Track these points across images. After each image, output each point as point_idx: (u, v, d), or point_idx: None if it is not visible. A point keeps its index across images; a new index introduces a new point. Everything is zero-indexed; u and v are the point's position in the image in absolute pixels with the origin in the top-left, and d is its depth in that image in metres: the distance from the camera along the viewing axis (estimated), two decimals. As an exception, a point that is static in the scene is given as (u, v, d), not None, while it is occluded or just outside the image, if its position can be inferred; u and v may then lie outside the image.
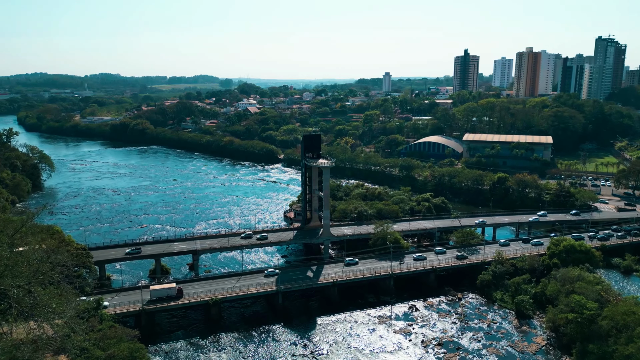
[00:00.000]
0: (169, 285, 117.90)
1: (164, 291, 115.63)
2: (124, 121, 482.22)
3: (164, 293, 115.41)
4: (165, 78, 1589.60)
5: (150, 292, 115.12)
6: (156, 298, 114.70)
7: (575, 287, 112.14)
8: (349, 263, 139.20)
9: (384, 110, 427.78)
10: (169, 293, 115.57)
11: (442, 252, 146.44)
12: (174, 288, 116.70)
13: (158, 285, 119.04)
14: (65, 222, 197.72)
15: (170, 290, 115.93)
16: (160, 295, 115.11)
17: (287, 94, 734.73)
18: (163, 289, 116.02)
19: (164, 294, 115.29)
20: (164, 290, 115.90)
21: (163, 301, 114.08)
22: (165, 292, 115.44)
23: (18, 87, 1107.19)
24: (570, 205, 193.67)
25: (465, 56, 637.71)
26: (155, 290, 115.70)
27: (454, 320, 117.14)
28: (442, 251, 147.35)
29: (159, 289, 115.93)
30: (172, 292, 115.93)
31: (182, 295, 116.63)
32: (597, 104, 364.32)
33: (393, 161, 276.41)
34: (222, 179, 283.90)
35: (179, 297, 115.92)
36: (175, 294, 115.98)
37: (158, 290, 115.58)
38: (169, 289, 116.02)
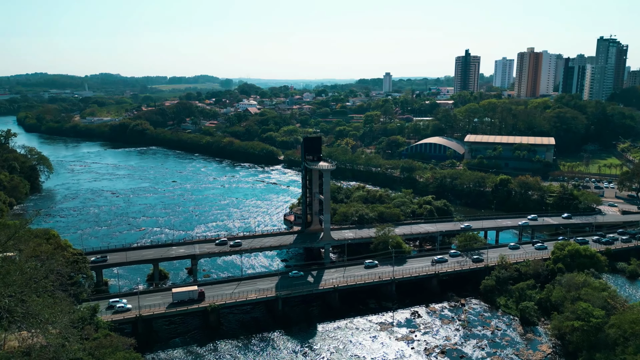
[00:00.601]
0: (191, 288, 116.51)
1: (185, 294, 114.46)
2: (123, 122, 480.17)
3: (185, 296, 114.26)
4: (166, 78, 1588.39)
5: (173, 295, 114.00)
6: (177, 301, 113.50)
7: (581, 294, 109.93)
8: (368, 265, 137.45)
9: (385, 111, 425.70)
10: (190, 296, 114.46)
11: (442, 261, 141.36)
12: (196, 291, 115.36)
13: (180, 288, 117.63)
14: (63, 225, 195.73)
15: (192, 293, 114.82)
16: (182, 298, 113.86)
17: (287, 94, 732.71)
18: (185, 292, 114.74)
19: (185, 297, 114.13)
20: (186, 293, 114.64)
21: (184, 304, 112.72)
22: (187, 295, 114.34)
23: (18, 87, 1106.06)
24: (574, 208, 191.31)
25: (466, 56, 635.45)
26: (178, 293, 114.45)
27: (457, 327, 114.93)
28: (443, 260, 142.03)
29: (181, 292, 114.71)
30: (194, 294, 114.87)
31: (203, 298, 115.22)
32: (600, 105, 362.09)
33: (394, 163, 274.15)
34: (222, 181, 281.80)
35: (200, 300, 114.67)
36: (197, 297, 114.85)
37: (180, 293, 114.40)
38: (191, 292, 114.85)
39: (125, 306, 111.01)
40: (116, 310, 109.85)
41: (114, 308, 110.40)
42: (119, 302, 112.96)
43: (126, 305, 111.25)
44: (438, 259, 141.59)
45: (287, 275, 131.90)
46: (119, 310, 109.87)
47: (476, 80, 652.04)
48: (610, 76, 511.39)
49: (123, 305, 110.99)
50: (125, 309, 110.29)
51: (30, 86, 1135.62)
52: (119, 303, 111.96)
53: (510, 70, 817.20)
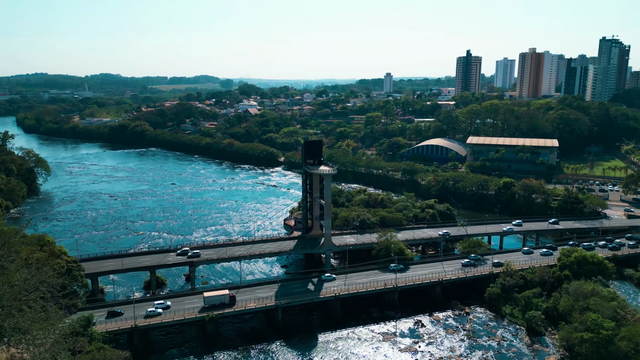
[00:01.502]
0: (222, 292, 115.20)
1: (217, 298, 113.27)
2: (122, 123, 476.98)
3: (217, 300, 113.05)
4: (166, 78, 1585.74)
5: (204, 299, 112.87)
6: (209, 305, 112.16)
7: (589, 304, 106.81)
8: (394, 269, 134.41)
9: (386, 112, 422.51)
10: (222, 300, 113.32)
11: (470, 265, 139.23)
12: (227, 295, 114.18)
13: (211, 292, 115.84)
14: (60, 229, 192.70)
15: (224, 297, 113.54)
16: (214, 303, 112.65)
17: (287, 94, 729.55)
18: (216, 296, 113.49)
19: (217, 301, 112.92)
20: (217, 297, 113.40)
21: (215, 308, 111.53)
22: (219, 299, 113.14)
23: (18, 87, 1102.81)
24: (579, 212, 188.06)
25: (467, 57, 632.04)
26: (209, 297, 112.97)
27: (461, 337, 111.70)
28: (471, 264, 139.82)
29: (213, 296, 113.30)
30: (225, 299, 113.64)
31: (234, 302, 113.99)
32: (603, 106, 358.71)
33: (396, 165, 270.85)
34: (222, 183, 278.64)
35: (232, 304, 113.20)
36: (229, 301, 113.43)
37: (211, 297, 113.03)
38: (222, 296, 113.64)
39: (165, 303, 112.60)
40: (151, 316, 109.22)
41: (152, 313, 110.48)
42: (164, 303, 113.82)
43: (166, 303, 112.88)
44: (465, 262, 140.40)
45: (288, 282, 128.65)
46: (151, 315, 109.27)
47: (477, 81, 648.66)
48: (612, 77, 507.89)
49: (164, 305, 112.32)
50: (166, 305, 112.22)
51: (30, 86, 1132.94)
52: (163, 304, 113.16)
53: (511, 71, 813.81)
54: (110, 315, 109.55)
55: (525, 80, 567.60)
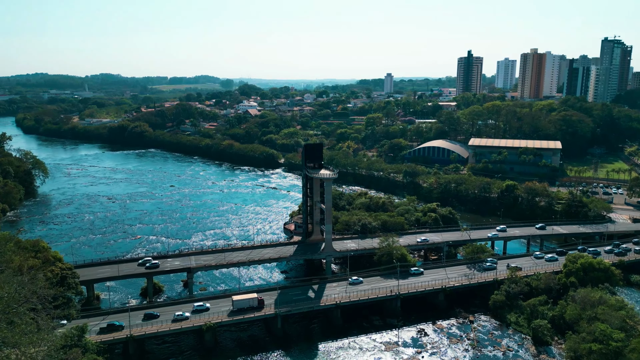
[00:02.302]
0: (250, 296, 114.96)
1: (245, 302, 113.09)
2: (122, 124, 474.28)
3: (246, 304, 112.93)
4: (166, 78, 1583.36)
5: (233, 303, 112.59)
6: (237, 309, 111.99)
7: (597, 313, 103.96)
8: (414, 273, 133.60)
9: (387, 113, 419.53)
10: (250, 304, 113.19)
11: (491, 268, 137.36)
12: (255, 298, 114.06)
13: (240, 296, 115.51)
14: (56, 232, 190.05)
15: (252, 301, 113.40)
16: (242, 306, 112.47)
17: (288, 95, 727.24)
18: (245, 300, 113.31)
19: (246, 305, 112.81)
20: (246, 300, 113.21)
21: (244, 312, 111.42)
22: (248, 303, 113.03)
23: (18, 87, 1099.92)
24: (583, 216, 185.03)
25: (468, 57, 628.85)
26: (238, 300, 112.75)
27: (466, 347, 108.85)
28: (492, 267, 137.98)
29: (241, 300, 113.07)
30: (254, 302, 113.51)
31: (263, 306, 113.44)
32: (606, 108, 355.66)
33: (397, 167, 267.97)
34: (221, 185, 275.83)
35: (260, 308, 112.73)
36: (257, 305, 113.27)
37: (240, 301, 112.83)
38: (250, 300, 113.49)
39: (184, 314, 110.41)
40: (179, 320, 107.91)
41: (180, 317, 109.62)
42: (203, 305, 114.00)
43: (184, 314, 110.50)
44: (487, 266, 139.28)
45: (287, 289, 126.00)
46: (180, 320, 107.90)
47: (479, 82, 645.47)
48: (615, 77, 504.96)
49: (182, 313, 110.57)
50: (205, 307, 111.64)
51: (30, 87, 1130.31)
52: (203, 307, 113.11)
53: (512, 71, 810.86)
54: (148, 317, 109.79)
55: (527, 81, 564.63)
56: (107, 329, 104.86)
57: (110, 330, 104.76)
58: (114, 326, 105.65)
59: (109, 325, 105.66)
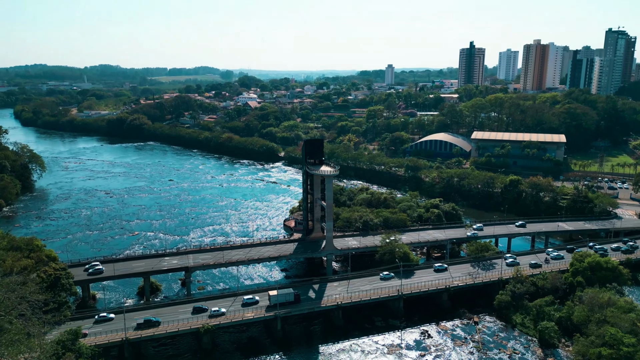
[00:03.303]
0: (287, 291, 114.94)
1: (282, 296, 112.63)
2: (121, 116, 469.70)
3: (283, 298, 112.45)
4: (166, 69, 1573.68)
5: (270, 298, 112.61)
6: (274, 304, 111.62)
7: (606, 316, 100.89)
8: (438, 269, 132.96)
9: (388, 105, 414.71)
10: (287, 298, 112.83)
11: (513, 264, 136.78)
12: (292, 293, 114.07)
13: (277, 291, 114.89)
14: (53, 228, 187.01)
15: (289, 296, 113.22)
16: (280, 301, 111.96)
17: (288, 87, 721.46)
18: (282, 295, 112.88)
19: (283, 300, 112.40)
20: (283, 295, 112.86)
21: (281, 307, 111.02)
22: (284, 298, 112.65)
23: (17, 79, 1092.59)
24: (589, 212, 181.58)
25: (470, 48, 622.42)
26: (275, 295, 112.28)
27: (470, 349, 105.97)
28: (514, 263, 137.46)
29: (278, 295, 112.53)
30: (290, 297, 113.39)
31: (299, 300, 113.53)
32: (610, 100, 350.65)
33: (398, 161, 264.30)
34: (220, 179, 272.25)
35: (297, 303, 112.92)
36: (293, 299, 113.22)
37: (277, 296, 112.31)
38: (287, 294, 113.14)
39: (220, 310, 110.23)
40: (211, 314, 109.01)
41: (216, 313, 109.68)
42: (253, 298, 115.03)
43: (221, 310, 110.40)
44: (510, 262, 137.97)
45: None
46: (216, 315, 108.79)
47: (481, 73, 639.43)
48: (618, 69, 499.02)
49: (218, 309, 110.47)
50: (220, 313, 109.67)
51: (28, 78, 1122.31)
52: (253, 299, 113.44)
53: (514, 62, 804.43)
54: (196, 311, 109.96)
55: (530, 73, 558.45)
56: (143, 324, 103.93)
57: (147, 326, 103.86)
58: (151, 322, 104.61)
59: (146, 321, 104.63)
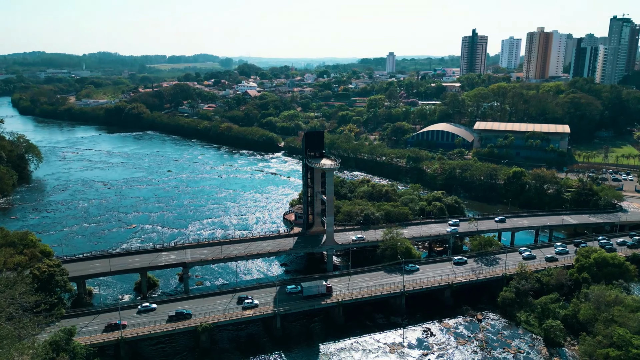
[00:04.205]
0: (319, 283, 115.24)
1: (315, 289, 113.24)
2: (119, 105, 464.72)
3: (315, 291, 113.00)
4: (165, 57, 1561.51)
5: (303, 290, 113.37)
6: (306, 296, 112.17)
7: (614, 315, 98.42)
8: (458, 262, 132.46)
9: (389, 94, 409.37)
10: (319, 291, 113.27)
11: (531, 257, 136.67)
12: (324, 285, 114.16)
13: (309, 282, 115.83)
14: (49, 221, 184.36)
15: (321, 288, 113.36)
16: (312, 293, 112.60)
17: (288, 75, 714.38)
18: (314, 287, 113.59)
19: (315, 292, 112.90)
20: (315, 287, 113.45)
21: (316, 299, 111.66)
22: (317, 290, 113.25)
23: (15, 66, 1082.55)
24: (593, 205, 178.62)
25: (473, 36, 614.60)
26: (308, 287, 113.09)
27: (474, 348, 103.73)
28: (532, 256, 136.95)
29: (311, 287, 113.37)
30: (322, 289, 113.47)
31: (331, 293, 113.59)
32: (615, 89, 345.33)
33: (400, 152, 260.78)
34: (219, 170, 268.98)
35: (329, 295, 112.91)
36: (325, 292, 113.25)
37: (310, 288, 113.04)
38: (319, 287, 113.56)
39: (253, 302, 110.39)
40: (245, 306, 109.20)
41: (243, 303, 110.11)
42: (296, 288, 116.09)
43: (254, 302, 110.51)
44: (526, 256, 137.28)
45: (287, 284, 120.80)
46: (247, 306, 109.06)
47: (483, 62, 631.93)
48: (623, 57, 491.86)
49: (251, 301, 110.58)
50: (254, 305, 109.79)
51: (27, 65, 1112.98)
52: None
53: (517, 50, 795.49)
54: (240, 301, 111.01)
55: (533, 61, 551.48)
56: (175, 317, 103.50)
57: (179, 318, 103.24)
58: (182, 314, 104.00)
59: (177, 314, 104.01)
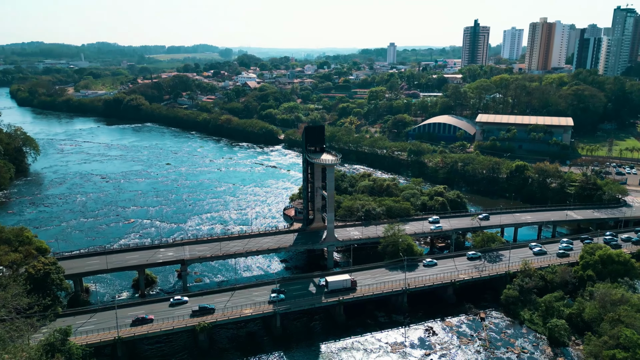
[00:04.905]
0: (343, 277, 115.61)
1: (340, 283, 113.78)
2: (118, 96, 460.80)
3: (340, 285, 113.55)
4: (164, 47, 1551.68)
5: (328, 284, 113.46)
6: (331, 290, 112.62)
7: (620, 315, 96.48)
8: (472, 257, 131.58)
9: (390, 86, 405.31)
10: (344, 285, 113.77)
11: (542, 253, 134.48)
12: (349, 280, 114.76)
13: (334, 277, 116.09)
14: (47, 215, 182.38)
15: (346, 282, 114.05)
16: (337, 287, 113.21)
17: (288, 66, 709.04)
18: (339, 281, 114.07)
19: (340, 286, 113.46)
20: (340, 282, 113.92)
21: (339, 293, 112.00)
22: (341, 284, 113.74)
23: (13, 57, 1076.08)
24: (597, 200, 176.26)
25: (475, 27, 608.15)
26: (333, 282, 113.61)
27: (477, 348, 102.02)
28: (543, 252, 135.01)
29: (336, 281, 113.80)
30: (347, 283, 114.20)
31: (355, 287, 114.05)
32: (618, 81, 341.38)
33: (401, 145, 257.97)
34: (219, 163, 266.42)
35: (353, 289, 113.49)
36: (350, 286, 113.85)
37: (335, 282, 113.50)
38: (344, 281, 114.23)
39: (280, 296, 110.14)
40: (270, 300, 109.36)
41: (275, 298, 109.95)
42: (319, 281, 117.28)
43: (280, 296, 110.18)
44: (537, 251, 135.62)
45: (287, 282, 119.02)
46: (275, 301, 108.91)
47: (485, 53, 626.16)
48: (626, 49, 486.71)
49: (277, 295, 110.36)
50: (281, 299, 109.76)
51: (25, 56, 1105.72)
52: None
53: (519, 41, 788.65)
54: (275, 292, 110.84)
55: (535, 52, 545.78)
56: (199, 311, 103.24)
57: (202, 313, 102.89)
58: (206, 309, 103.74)
59: (201, 308, 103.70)
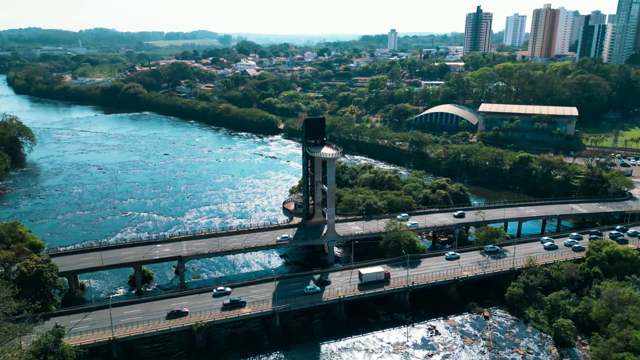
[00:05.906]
0: (377, 269, 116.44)
1: (373, 275, 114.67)
2: (115, 84, 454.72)
3: (373, 277, 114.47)
4: (162, 34, 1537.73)
5: (361, 277, 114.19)
6: (364, 282, 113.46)
7: (629, 316, 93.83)
8: (490, 250, 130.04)
9: (392, 74, 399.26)
10: (378, 277, 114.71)
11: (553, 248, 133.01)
12: (382, 272, 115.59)
13: (367, 269, 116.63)
14: (42, 207, 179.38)
15: (379, 274, 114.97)
16: (371, 280, 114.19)
17: (287, 53, 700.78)
18: (373, 273, 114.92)
19: (373, 278, 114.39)
20: (374, 274, 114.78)
21: (373, 285, 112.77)
22: (375, 277, 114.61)
23: (10, 43, 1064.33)
24: (603, 192, 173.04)
25: (477, 13, 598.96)
26: (367, 274, 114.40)
27: (481, 348, 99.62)
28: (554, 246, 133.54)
29: (370, 273, 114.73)
30: (381, 275, 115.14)
31: (389, 279, 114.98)
32: (624, 70, 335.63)
33: (402, 135, 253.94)
34: (217, 154, 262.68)
35: (387, 282, 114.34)
36: (384, 278, 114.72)
37: (369, 275, 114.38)
38: (378, 273, 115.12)
39: (316, 288, 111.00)
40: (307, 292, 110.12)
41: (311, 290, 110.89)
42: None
43: (316, 288, 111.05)
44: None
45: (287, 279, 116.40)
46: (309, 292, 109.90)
47: (488, 40, 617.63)
48: (631, 36, 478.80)
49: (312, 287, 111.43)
50: (315, 290, 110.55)
51: (22, 42, 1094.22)
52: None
53: (522, 28, 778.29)
54: (321, 283, 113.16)
55: (538, 39, 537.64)
56: (230, 305, 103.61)
57: (233, 306, 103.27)
58: (237, 302, 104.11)
59: (232, 302, 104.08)
